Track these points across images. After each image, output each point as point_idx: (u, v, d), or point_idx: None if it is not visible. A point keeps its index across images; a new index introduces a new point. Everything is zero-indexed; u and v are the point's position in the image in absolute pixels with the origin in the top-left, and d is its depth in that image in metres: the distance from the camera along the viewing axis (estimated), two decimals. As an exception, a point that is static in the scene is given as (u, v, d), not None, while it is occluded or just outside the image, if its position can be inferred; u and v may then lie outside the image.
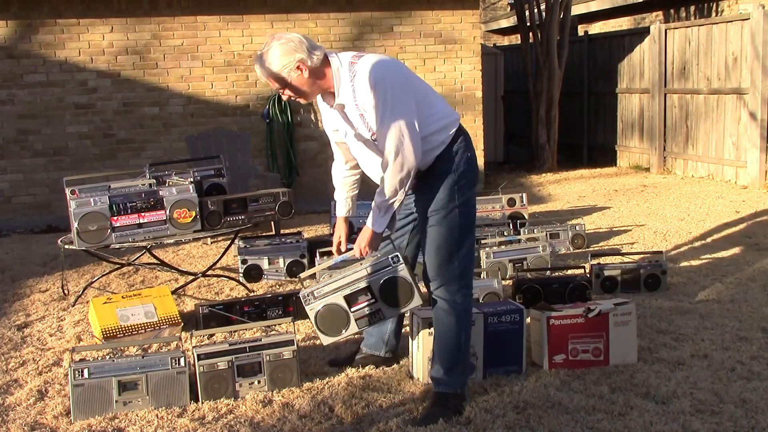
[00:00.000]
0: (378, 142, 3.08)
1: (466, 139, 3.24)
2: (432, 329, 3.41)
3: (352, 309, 3.31)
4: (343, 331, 3.33)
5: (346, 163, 3.47)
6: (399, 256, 3.28)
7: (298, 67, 3.02)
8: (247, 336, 3.95)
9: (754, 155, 8.89)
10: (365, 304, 3.31)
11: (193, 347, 3.56)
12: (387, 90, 2.98)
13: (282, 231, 6.51)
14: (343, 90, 3.08)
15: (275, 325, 4.46)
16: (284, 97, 3.18)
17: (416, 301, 3.31)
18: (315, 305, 3.32)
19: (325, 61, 3.08)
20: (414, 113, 3.02)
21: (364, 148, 3.20)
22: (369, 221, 3.17)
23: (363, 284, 3.30)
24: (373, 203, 3.15)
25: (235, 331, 4.26)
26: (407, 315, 4.18)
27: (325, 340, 3.36)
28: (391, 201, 3.10)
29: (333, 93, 3.12)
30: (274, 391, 3.54)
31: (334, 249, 3.50)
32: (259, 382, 3.54)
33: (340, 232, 3.53)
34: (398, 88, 3.01)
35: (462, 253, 3.22)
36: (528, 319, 3.81)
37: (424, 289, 3.39)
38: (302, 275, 3.70)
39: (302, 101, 3.20)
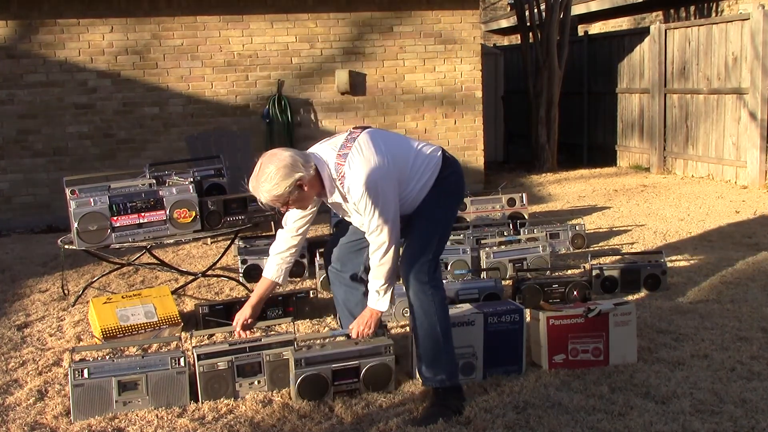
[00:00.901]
0: (367, 231, 3.29)
1: (450, 166, 3.43)
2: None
3: (335, 383, 3.45)
4: (319, 398, 3.43)
5: (297, 231, 3.55)
6: (392, 347, 3.49)
7: (299, 185, 3.16)
8: (247, 336, 3.94)
9: (754, 155, 8.90)
10: (348, 381, 3.46)
11: (193, 347, 3.56)
12: (372, 195, 3.17)
13: (282, 231, 6.50)
14: (335, 194, 3.28)
15: (275, 325, 4.46)
16: (283, 210, 3.34)
17: (391, 386, 3.51)
18: (304, 371, 3.41)
19: (316, 169, 3.23)
20: (396, 207, 3.26)
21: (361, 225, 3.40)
22: (372, 304, 3.40)
23: (353, 363, 3.46)
24: (370, 288, 3.37)
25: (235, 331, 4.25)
26: (406, 315, 4.18)
27: (298, 401, 3.44)
28: (389, 279, 3.33)
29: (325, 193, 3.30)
30: (274, 391, 3.54)
31: (237, 327, 3.60)
32: (259, 382, 3.54)
33: (246, 313, 3.60)
34: (381, 187, 3.18)
35: (437, 249, 3.37)
36: (528, 319, 3.81)
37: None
38: (299, 338, 3.65)
39: (301, 210, 3.40)
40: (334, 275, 3.73)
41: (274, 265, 3.60)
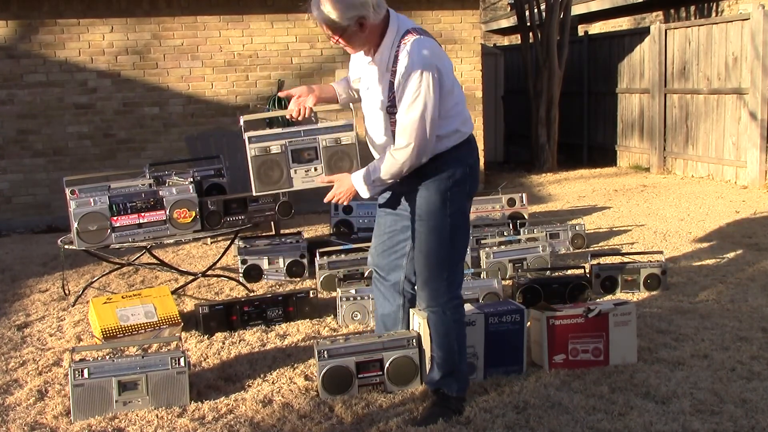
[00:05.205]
0: (398, 124, 3.00)
1: (470, 149, 3.19)
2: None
3: (360, 375, 3.44)
4: (345, 392, 3.43)
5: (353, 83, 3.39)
6: (416, 339, 3.44)
7: (358, 22, 2.95)
8: (302, 116, 3.44)
9: (754, 155, 8.89)
10: (373, 374, 3.44)
11: (244, 131, 3.24)
12: (429, 79, 2.91)
13: (282, 231, 6.50)
14: (385, 54, 3.02)
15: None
16: (332, 42, 3.09)
17: (416, 383, 3.48)
18: (327, 363, 3.41)
19: (385, 20, 3.01)
20: (436, 111, 2.97)
21: (374, 112, 3.15)
22: (355, 179, 3.12)
23: (377, 356, 3.43)
24: (367, 167, 3.11)
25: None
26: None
27: (324, 395, 3.44)
28: (386, 180, 3.08)
29: (377, 47, 3.03)
30: (274, 392, 3.54)
31: (291, 105, 3.31)
32: (315, 169, 3.32)
33: (302, 93, 3.32)
34: (438, 82, 2.94)
35: (453, 262, 3.20)
36: (528, 319, 3.81)
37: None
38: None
39: (348, 50, 3.13)
40: (376, 279, 3.54)
41: (343, 80, 3.40)
